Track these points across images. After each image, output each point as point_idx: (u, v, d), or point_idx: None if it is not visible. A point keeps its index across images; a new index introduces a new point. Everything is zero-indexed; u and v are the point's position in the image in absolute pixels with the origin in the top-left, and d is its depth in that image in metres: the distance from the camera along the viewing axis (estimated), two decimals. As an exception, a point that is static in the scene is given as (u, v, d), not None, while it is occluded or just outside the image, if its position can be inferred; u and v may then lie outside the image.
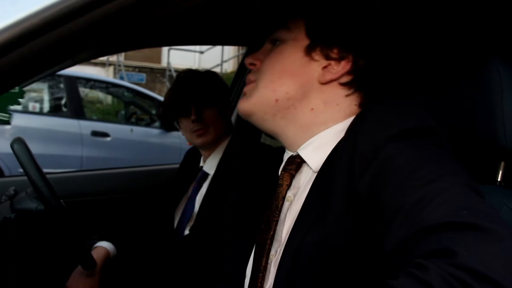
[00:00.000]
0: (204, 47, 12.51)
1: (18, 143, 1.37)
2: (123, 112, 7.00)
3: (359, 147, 0.80)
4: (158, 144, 5.86)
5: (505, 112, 0.96)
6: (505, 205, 0.97)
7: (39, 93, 6.44)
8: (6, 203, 1.40)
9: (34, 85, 6.43)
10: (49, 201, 1.28)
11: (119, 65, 12.44)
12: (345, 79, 0.92)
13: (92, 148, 5.47)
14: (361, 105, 0.93)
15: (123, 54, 12.68)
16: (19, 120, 5.24)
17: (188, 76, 1.76)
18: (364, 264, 0.78)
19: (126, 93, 6.96)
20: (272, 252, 0.93)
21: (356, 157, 0.79)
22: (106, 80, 7.49)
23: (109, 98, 8.79)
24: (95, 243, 1.71)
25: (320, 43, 0.92)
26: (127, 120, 6.53)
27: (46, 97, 6.32)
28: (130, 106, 6.92)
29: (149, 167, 2.31)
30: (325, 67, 0.92)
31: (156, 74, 13.10)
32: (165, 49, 13.16)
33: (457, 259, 0.56)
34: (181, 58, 12.60)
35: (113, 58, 12.59)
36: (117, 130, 5.84)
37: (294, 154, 0.97)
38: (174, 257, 1.65)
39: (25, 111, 6.07)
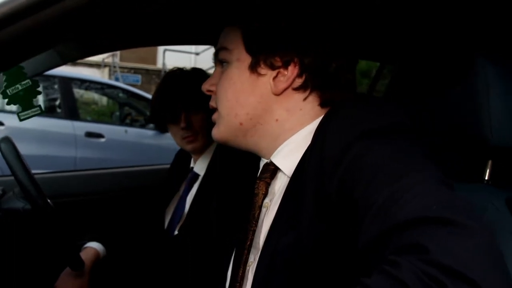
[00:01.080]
0: (199, 48, 12.51)
1: (5, 142, 1.36)
2: (117, 113, 6.98)
3: (327, 147, 0.79)
4: (153, 145, 5.84)
5: (491, 110, 0.95)
6: (491, 204, 0.97)
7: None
8: (-7, 202, 1.39)
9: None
10: (35, 201, 1.27)
11: (114, 66, 12.43)
12: (297, 82, 0.91)
13: (86, 149, 5.45)
14: (322, 104, 0.92)
15: (118, 55, 12.67)
16: (13, 121, 5.22)
17: (175, 78, 1.73)
18: (338, 265, 0.77)
19: (120, 94, 6.95)
20: (251, 259, 0.93)
21: (325, 157, 0.79)
22: (101, 81, 7.49)
23: (104, 99, 8.77)
24: (85, 243, 1.70)
25: (260, 56, 0.91)
26: (121, 121, 6.51)
27: (40, 98, 6.30)
28: (124, 107, 6.91)
29: (140, 167, 2.30)
30: (275, 78, 0.91)
31: (151, 76, 13.09)
32: (160, 51, 13.14)
33: (429, 255, 0.56)
34: (176, 59, 12.57)
35: (108, 59, 12.57)
36: (111, 131, 5.82)
37: (268, 161, 0.97)
38: (163, 257, 1.64)
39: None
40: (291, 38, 0.89)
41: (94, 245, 1.68)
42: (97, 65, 12.57)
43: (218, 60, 1.01)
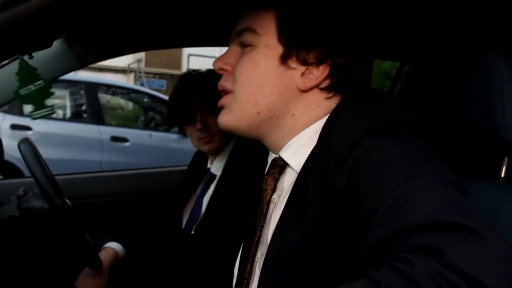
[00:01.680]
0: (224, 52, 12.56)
1: (25, 143, 1.39)
2: (142, 118, 7.08)
3: (334, 144, 0.77)
4: (176, 149, 5.89)
5: (506, 106, 0.93)
6: (507, 202, 0.94)
7: (62, 99, 6.58)
8: (14, 202, 1.43)
9: (57, 92, 6.59)
10: (53, 200, 1.29)
11: (140, 72, 12.60)
12: (325, 83, 0.88)
13: (111, 153, 5.54)
14: (344, 103, 0.89)
15: (143, 61, 12.84)
16: (40, 126, 5.35)
17: (191, 79, 1.74)
18: (343, 263, 0.76)
19: (145, 99, 7.04)
20: (258, 255, 0.92)
21: (331, 154, 0.77)
22: (126, 86, 7.60)
23: (129, 105, 8.91)
24: (105, 244, 1.72)
25: (294, 49, 0.87)
26: (146, 126, 6.60)
27: (68, 103, 6.45)
28: (149, 112, 7.00)
29: (158, 168, 2.32)
30: (303, 73, 0.88)
31: (176, 80, 13.20)
32: (185, 56, 13.27)
33: (445, 258, 0.54)
34: (200, 63, 12.67)
35: (133, 65, 12.76)
36: (136, 135, 5.91)
37: (276, 156, 0.95)
38: (178, 258, 1.65)
39: (49, 117, 6.20)
40: (333, 36, 0.86)
41: (114, 245, 1.70)
42: (123, 71, 12.77)
43: (239, 42, 0.95)
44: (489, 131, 0.96)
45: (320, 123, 0.88)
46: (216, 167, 1.71)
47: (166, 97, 6.69)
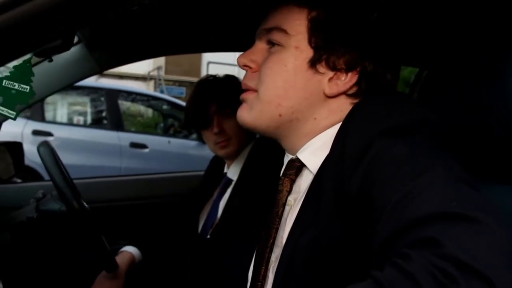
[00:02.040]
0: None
1: (44, 146, 1.41)
2: (161, 124, 7.13)
3: (348, 146, 0.76)
4: (195, 155, 5.91)
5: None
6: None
7: (83, 106, 6.68)
8: (32, 205, 1.44)
9: (79, 99, 6.69)
10: (70, 202, 1.30)
11: (160, 79, 12.72)
12: (353, 89, 0.86)
13: (130, 159, 5.59)
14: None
15: (163, 68, 12.98)
16: (61, 132, 5.44)
17: (208, 84, 1.75)
18: (357, 264, 0.74)
19: (165, 106, 7.10)
20: (273, 258, 0.91)
21: (345, 156, 0.76)
22: (146, 93, 7.67)
23: (149, 112, 9.00)
24: (122, 248, 1.73)
25: (325, 53, 0.84)
26: (165, 132, 6.64)
27: (88, 110, 6.54)
28: (168, 119, 7.04)
29: (175, 173, 2.33)
30: (331, 79, 0.86)
31: (195, 88, 13.30)
32: (204, 63, 13.36)
33: (442, 249, 0.53)
34: (220, 71, 12.72)
35: (153, 72, 12.90)
36: (155, 141, 5.95)
37: (293, 157, 0.93)
38: (194, 262, 1.65)
39: (68, 123, 6.31)
40: (365, 42, 0.84)
41: (130, 249, 1.71)
42: (143, 78, 12.92)
43: (266, 40, 0.92)
44: (506, 134, 0.93)
45: (337, 127, 0.86)
46: (232, 171, 1.71)
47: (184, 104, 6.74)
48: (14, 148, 1.91)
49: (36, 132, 5.18)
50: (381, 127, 0.74)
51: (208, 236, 1.64)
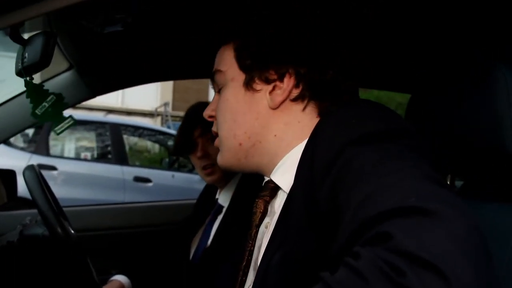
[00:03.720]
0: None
1: (30, 170, 1.39)
2: (166, 159, 7.14)
3: (317, 156, 0.74)
4: (199, 189, 5.80)
5: (513, 119, 0.87)
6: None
7: (89, 141, 6.72)
8: (17, 230, 1.41)
9: (85, 134, 6.75)
10: (54, 227, 1.26)
11: (166, 115, 12.83)
12: (294, 93, 0.87)
13: (134, 193, 5.55)
14: (320, 114, 0.87)
15: (170, 104, 13.10)
16: (65, 166, 5.45)
17: (195, 109, 1.76)
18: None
19: (170, 142, 7.13)
20: (248, 282, 0.89)
21: (314, 168, 0.74)
22: (150, 127, 7.72)
23: (156, 147, 9.02)
24: (112, 276, 1.69)
25: (254, 72, 0.88)
26: (170, 167, 6.64)
27: (94, 144, 6.57)
28: (173, 153, 7.05)
29: (167, 202, 2.30)
30: (271, 91, 0.88)
31: (202, 124, 13.37)
32: (210, 99, 13.47)
33: (391, 243, 0.50)
34: (226, 107, 12.85)
35: (160, 108, 13.02)
36: (159, 176, 5.94)
37: (268, 179, 0.93)
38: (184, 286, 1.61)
39: (73, 157, 6.34)
40: (284, 50, 0.86)
41: (120, 278, 1.67)
42: (150, 114, 13.04)
43: (216, 87, 0.99)
44: (494, 145, 0.90)
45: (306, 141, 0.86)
46: (223, 198, 1.68)
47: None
48: (7, 176, 1.89)
49: (40, 166, 5.16)
50: (350, 136, 0.72)
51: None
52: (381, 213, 0.55)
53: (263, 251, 0.85)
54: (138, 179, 5.67)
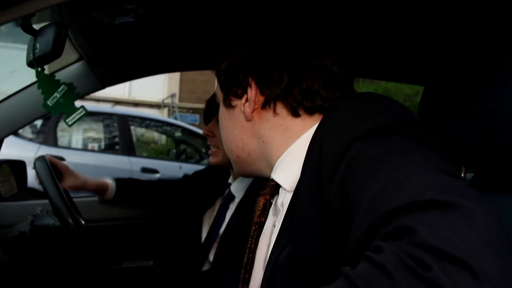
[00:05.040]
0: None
1: (41, 160, 1.39)
2: (174, 150, 7.14)
3: (324, 153, 0.75)
4: (206, 181, 5.87)
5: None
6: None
7: (96, 132, 6.74)
8: (28, 220, 1.42)
9: (94, 125, 6.75)
10: (64, 217, 1.27)
11: (173, 107, 12.83)
12: (260, 100, 0.93)
13: (141, 184, 5.57)
14: (293, 113, 0.91)
15: (177, 96, 13.10)
16: (73, 157, 5.47)
17: None
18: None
19: (177, 133, 7.13)
20: (255, 280, 0.90)
21: (322, 162, 0.74)
22: (158, 119, 7.71)
23: (163, 138, 9.03)
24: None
25: (227, 90, 0.98)
26: (177, 158, 6.64)
27: (101, 135, 6.59)
28: (180, 145, 7.06)
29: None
30: (244, 104, 0.95)
31: (209, 115, 13.36)
32: (217, 90, 13.45)
33: (414, 237, 0.49)
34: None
35: (167, 100, 13.02)
36: (166, 167, 5.94)
37: (269, 178, 0.97)
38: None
39: (82, 148, 6.36)
40: (241, 67, 0.94)
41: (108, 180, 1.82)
42: (157, 106, 13.04)
43: None
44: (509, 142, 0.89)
45: (304, 138, 0.90)
46: (236, 187, 1.68)
47: (198, 131, 6.77)
48: (18, 167, 1.90)
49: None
50: (357, 131, 0.73)
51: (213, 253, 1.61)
52: (399, 207, 0.54)
53: (271, 249, 0.86)
54: (145, 170, 5.68)
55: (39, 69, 1.12)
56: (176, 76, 13.09)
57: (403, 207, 0.54)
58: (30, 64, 1.09)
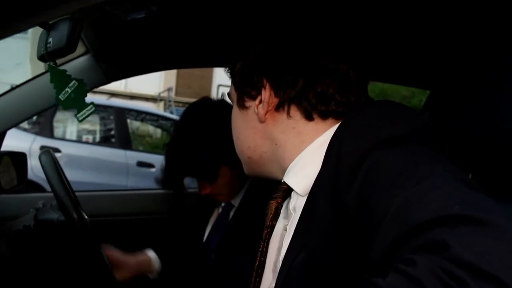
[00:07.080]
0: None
1: (46, 154, 1.38)
2: (170, 145, 7.10)
3: (342, 159, 0.75)
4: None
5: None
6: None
7: (92, 125, 6.71)
8: (31, 214, 1.41)
9: (91, 117, 6.71)
10: (69, 212, 1.27)
11: (170, 101, 12.80)
12: (275, 102, 0.93)
13: (137, 178, 5.56)
14: (307, 116, 0.91)
15: (173, 90, 13.07)
16: (69, 149, 5.45)
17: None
18: (357, 279, 0.71)
19: (173, 127, 7.10)
20: (266, 283, 0.91)
21: (340, 168, 0.74)
22: (154, 112, 7.69)
23: (158, 132, 9.01)
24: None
25: (242, 90, 0.98)
26: (173, 152, 6.61)
27: (97, 128, 6.56)
28: (176, 139, 7.03)
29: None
30: (257, 106, 0.95)
31: (205, 110, 13.34)
32: (214, 86, 13.45)
33: (449, 252, 0.49)
34: (229, 94, 12.82)
35: (164, 93, 12.99)
36: (162, 161, 5.92)
37: (281, 181, 0.96)
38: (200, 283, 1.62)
39: (77, 140, 6.33)
40: (256, 68, 0.95)
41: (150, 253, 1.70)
42: (153, 99, 13.01)
43: None
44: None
45: (318, 142, 0.90)
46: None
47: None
48: (18, 159, 1.89)
49: (44, 148, 5.18)
50: (381, 136, 0.73)
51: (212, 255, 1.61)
52: (426, 221, 0.55)
53: (284, 253, 0.86)
54: (141, 164, 5.67)
55: (51, 63, 1.11)
56: (173, 70, 13.06)
57: (432, 220, 0.55)
58: (42, 57, 1.08)
